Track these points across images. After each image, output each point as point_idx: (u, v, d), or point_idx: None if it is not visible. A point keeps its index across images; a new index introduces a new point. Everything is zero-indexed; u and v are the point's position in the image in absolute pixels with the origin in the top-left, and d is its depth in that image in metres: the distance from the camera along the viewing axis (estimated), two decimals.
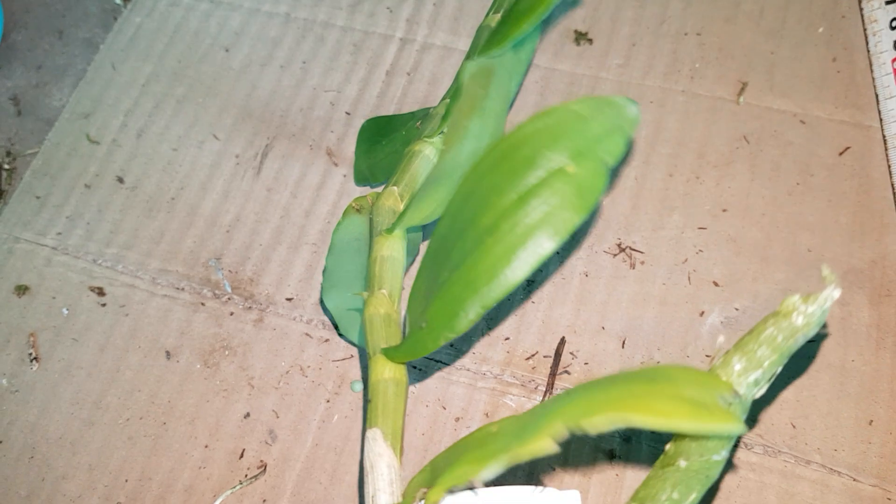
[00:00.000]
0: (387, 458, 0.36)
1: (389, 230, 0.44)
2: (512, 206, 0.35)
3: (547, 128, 0.36)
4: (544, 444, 0.28)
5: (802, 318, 0.30)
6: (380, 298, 0.42)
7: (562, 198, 0.33)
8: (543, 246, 0.33)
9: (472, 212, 0.37)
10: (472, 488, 0.32)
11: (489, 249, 0.35)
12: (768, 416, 0.47)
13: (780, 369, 0.31)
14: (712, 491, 0.45)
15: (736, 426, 0.28)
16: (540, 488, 0.32)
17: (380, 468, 0.36)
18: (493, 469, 0.29)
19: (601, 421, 0.27)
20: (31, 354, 0.52)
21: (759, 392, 0.31)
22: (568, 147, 0.35)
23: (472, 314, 0.35)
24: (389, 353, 0.39)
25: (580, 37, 0.60)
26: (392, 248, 0.43)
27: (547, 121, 0.37)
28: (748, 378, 0.30)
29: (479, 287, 0.34)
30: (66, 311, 0.53)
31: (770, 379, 0.31)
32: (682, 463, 0.31)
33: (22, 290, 0.54)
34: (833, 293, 0.29)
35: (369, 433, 0.37)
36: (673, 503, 0.31)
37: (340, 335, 0.51)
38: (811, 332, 0.30)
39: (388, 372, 0.39)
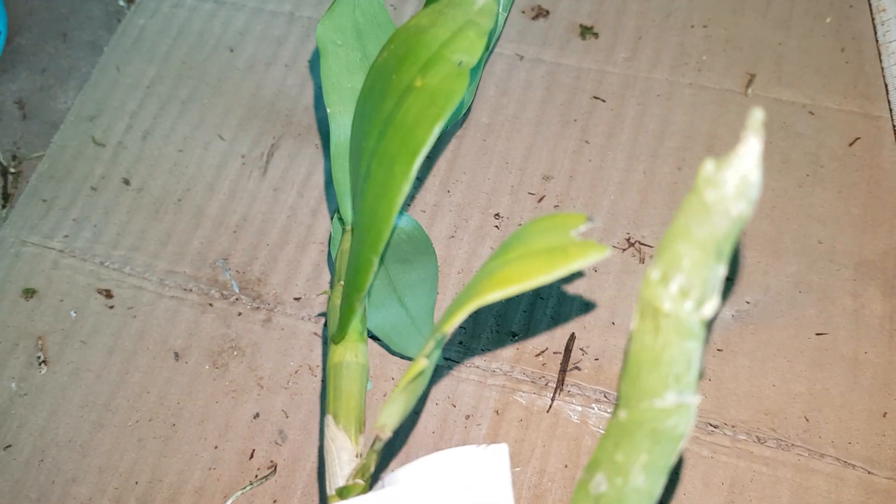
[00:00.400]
0: (339, 440, 0.36)
1: (342, 224, 0.44)
2: (376, 143, 0.34)
3: (392, 54, 0.36)
4: (419, 365, 0.28)
5: (715, 191, 0.21)
6: (337, 290, 0.42)
7: (415, 113, 0.33)
8: (409, 170, 0.32)
9: (355, 166, 0.37)
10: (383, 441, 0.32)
11: (368, 197, 0.34)
12: (781, 409, 0.46)
13: (721, 272, 0.22)
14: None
15: (596, 253, 0.24)
16: (471, 447, 0.30)
17: (333, 452, 0.36)
18: (397, 406, 0.30)
19: (456, 319, 0.27)
20: (39, 358, 0.51)
21: (707, 309, 0.22)
22: (413, 63, 0.34)
23: (370, 267, 0.34)
24: (333, 337, 0.39)
25: (586, 31, 0.59)
26: (349, 241, 0.44)
27: (390, 47, 0.36)
28: (670, 287, 0.22)
29: (367, 238, 0.34)
30: (73, 314, 0.53)
31: (711, 287, 0.22)
32: (623, 413, 0.24)
33: (29, 293, 0.54)
34: (753, 146, 0.21)
35: (325, 419, 0.37)
36: (617, 468, 0.23)
37: (394, 353, 0.50)
38: (735, 210, 0.21)
39: (336, 356, 0.39)
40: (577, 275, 0.51)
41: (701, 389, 0.47)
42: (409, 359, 0.50)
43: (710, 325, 0.49)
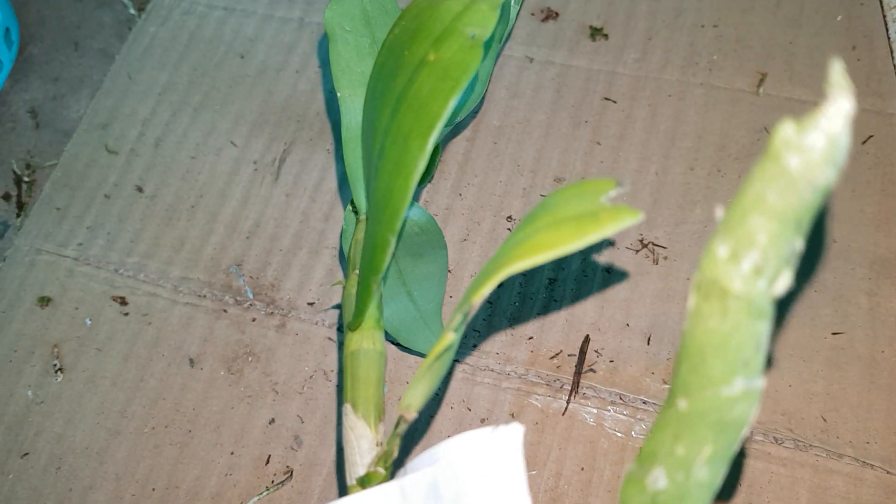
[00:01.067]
0: (359, 429, 0.36)
1: (356, 215, 0.44)
2: (389, 120, 0.34)
3: (403, 29, 0.36)
4: (446, 339, 0.28)
5: (799, 156, 0.19)
6: (352, 279, 0.42)
7: (429, 88, 0.32)
8: (425, 144, 0.31)
9: (368, 147, 0.37)
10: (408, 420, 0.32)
11: (382, 175, 0.34)
12: (798, 409, 0.46)
13: (799, 245, 0.20)
14: (734, 478, 0.45)
15: (629, 217, 0.23)
16: (487, 429, 0.29)
17: (352, 441, 0.35)
18: (423, 385, 0.29)
19: (485, 290, 0.26)
20: (55, 366, 0.52)
21: (779, 286, 0.20)
22: (425, 37, 0.34)
23: (387, 246, 0.34)
24: (350, 325, 0.39)
25: (595, 32, 0.59)
26: (364, 229, 0.43)
27: (402, 23, 0.36)
28: (742, 266, 0.20)
29: (383, 217, 0.34)
30: (89, 322, 0.53)
31: (786, 261, 0.20)
32: (683, 403, 0.22)
33: (45, 301, 0.54)
34: (842, 105, 0.18)
35: (343, 408, 0.37)
36: (678, 463, 0.21)
37: (403, 349, 0.50)
38: (822, 177, 0.19)
39: (353, 344, 0.38)
40: (606, 243, 0.51)
41: None
42: (419, 354, 0.50)
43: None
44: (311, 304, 0.52)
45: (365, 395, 0.36)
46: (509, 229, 0.53)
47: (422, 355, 0.50)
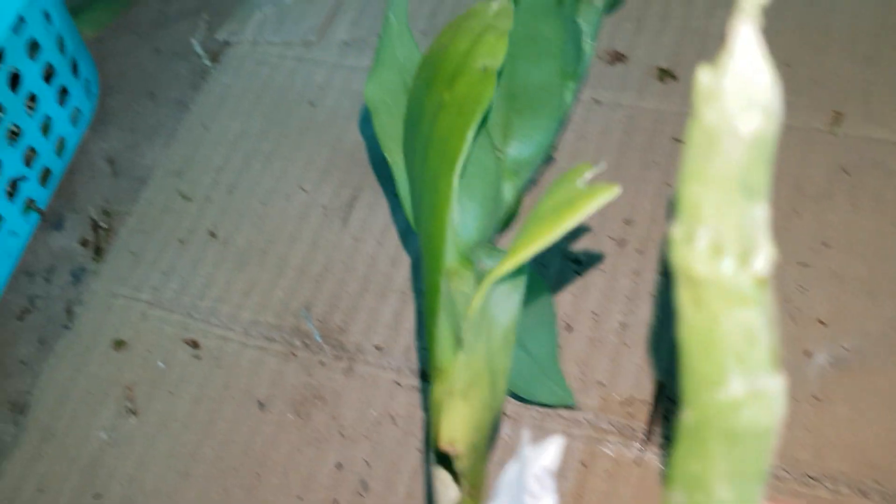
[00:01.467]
0: (443, 477, 0.34)
1: None
2: (422, 167, 0.35)
3: (422, 80, 0.37)
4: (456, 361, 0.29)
5: (714, 108, 0.17)
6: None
7: (448, 126, 0.33)
8: (450, 182, 0.32)
9: (414, 199, 0.38)
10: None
11: (423, 221, 0.35)
12: (886, 460, 0.44)
13: (759, 212, 0.18)
14: None
15: (605, 194, 0.24)
16: (530, 448, 0.27)
17: (439, 490, 0.34)
18: (458, 413, 0.31)
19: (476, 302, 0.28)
20: (128, 408, 0.52)
21: (758, 263, 0.17)
22: (440, 80, 0.35)
23: (437, 288, 0.34)
24: (430, 372, 0.39)
25: (664, 74, 0.59)
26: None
27: (420, 74, 0.37)
28: (698, 246, 0.17)
29: (429, 261, 0.34)
30: (162, 365, 0.54)
31: (751, 234, 0.17)
32: (688, 414, 0.19)
33: (119, 344, 0.55)
34: (746, 33, 0.15)
35: (429, 456, 0.36)
36: (695, 482, 0.18)
37: (519, 399, 0.48)
38: (746, 127, 0.17)
39: (435, 393, 0.38)
40: (583, 229, 0.53)
41: (798, 440, 0.45)
42: (540, 404, 0.48)
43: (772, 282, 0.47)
44: (378, 347, 0.52)
45: None
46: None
47: (543, 405, 0.48)
